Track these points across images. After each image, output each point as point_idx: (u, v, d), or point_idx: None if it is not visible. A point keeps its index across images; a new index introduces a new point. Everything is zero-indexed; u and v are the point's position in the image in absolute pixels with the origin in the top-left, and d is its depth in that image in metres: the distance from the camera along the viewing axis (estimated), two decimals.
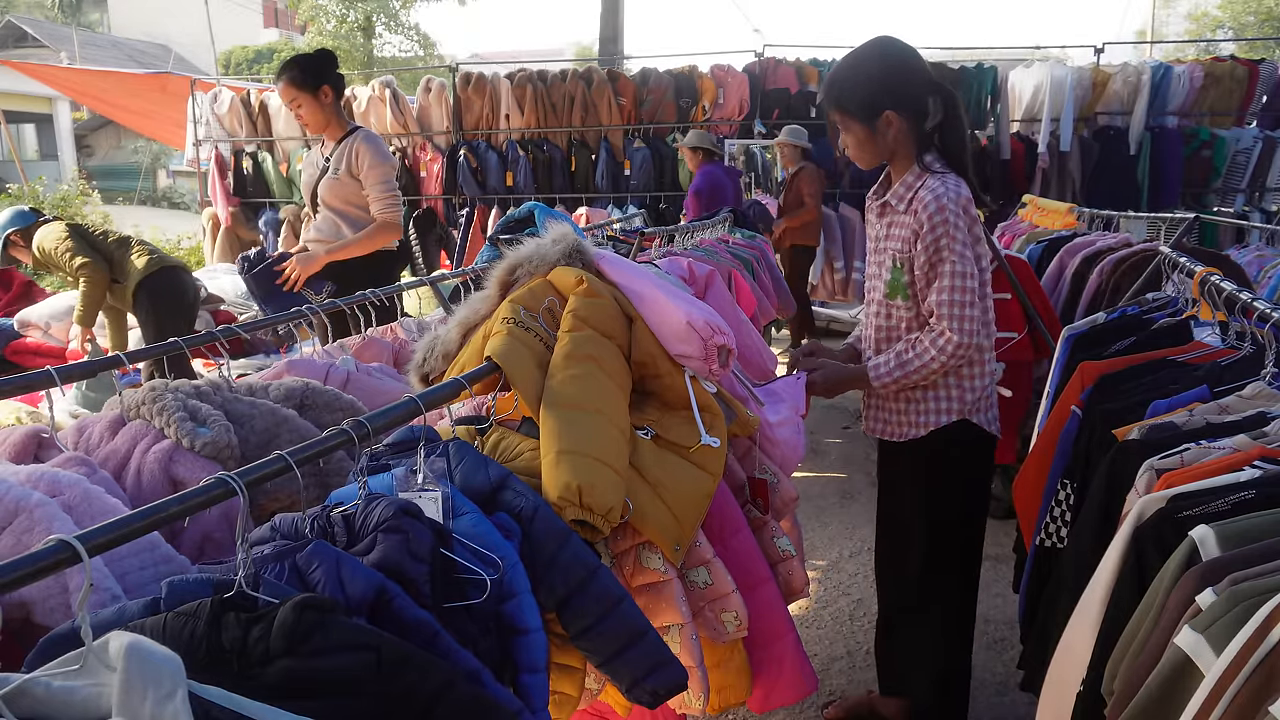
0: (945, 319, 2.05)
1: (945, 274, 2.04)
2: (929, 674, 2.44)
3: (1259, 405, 1.61)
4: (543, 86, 7.72)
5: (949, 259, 2.04)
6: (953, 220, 2.03)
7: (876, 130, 2.10)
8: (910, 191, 2.12)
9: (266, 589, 0.95)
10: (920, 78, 2.11)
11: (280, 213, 8.05)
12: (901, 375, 2.14)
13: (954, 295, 2.04)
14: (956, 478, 2.30)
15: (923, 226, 2.06)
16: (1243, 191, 7.67)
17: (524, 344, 1.48)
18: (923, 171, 2.12)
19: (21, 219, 4.66)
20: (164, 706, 0.67)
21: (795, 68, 7.82)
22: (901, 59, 2.12)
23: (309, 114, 3.56)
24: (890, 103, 2.07)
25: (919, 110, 2.09)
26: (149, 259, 4.51)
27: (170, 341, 1.83)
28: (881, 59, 2.11)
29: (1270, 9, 24.54)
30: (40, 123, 23.49)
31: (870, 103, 2.08)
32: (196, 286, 4.75)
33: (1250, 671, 0.95)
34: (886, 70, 2.09)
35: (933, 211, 2.04)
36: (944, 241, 2.04)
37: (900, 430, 2.28)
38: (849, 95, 2.11)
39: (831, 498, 4.54)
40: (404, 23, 23.03)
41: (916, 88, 2.10)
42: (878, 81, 2.08)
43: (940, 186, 2.06)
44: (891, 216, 2.19)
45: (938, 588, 2.38)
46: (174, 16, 25.38)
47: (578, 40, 32.28)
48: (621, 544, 1.46)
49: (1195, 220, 4.21)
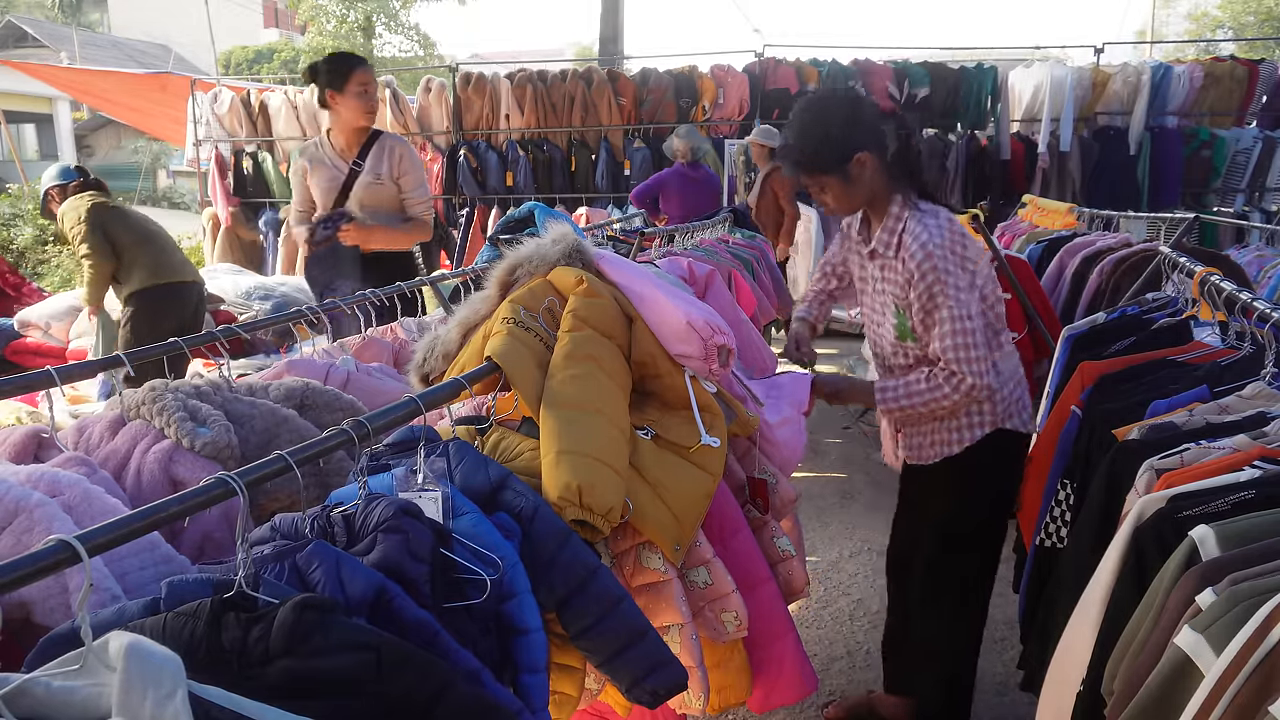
0: (955, 363, 2.03)
1: (944, 320, 2.03)
2: (938, 673, 2.44)
3: (1259, 405, 1.61)
4: (543, 86, 7.72)
5: (945, 304, 2.02)
6: (942, 266, 2.01)
7: (852, 177, 2.08)
8: (894, 235, 2.11)
9: (266, 589, 0.94)
10: (870, 113, 2.12)
11: (280, 213, 8.05)
12: (908, 404, 2.13)
13: (957, 339, 2.02)
14: (990, 484, 2.30)
15: (913, 276, 2.05)
16: (1242, 191, 7.67)
17: (524, 344, 1.48)
18: (902, 210, 2.11)
19: (63, 175, 4.55)
20: (164, 706, 0.67)
21: (795, 68, 7.82)
22: (848, 103, 2.13)
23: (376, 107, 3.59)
24: (857, 145, 2.06)
25: (881, 145, 2.09)
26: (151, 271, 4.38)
27: (170, 341, 1.83)
28: (832, 109, 2.10)
29: (1270, 9, 24.54)
30: (40, 123, 23.50)
31: (839, 152, 2.06)
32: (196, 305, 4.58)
33: (1250, 671, 0.95)
34: (841, 117, 2.09)
35: (920, 260, 2.03)
36: (936, 289, 2.02)
37: (936, 451, 2.27)
38: (816, 153, 2.10)
39: (831, 498, 4.53)
40: (404, 23, 23.04)
41: (872, 122, 2.10)
42: (838, 130, 2.07)
43: (924, 231, 2.04)
44: (882, 261, 2.18)
45: (959, 588, 2.38)
46: (174, 16, 25.38)
47: (578, 40, 32.27)
48: (621, 544, 1.46)
49: (1195, 220, 4.21)
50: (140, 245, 4.44)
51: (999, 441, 2.22)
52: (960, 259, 2.05)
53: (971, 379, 2.03)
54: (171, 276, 4.47)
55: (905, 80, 7.75)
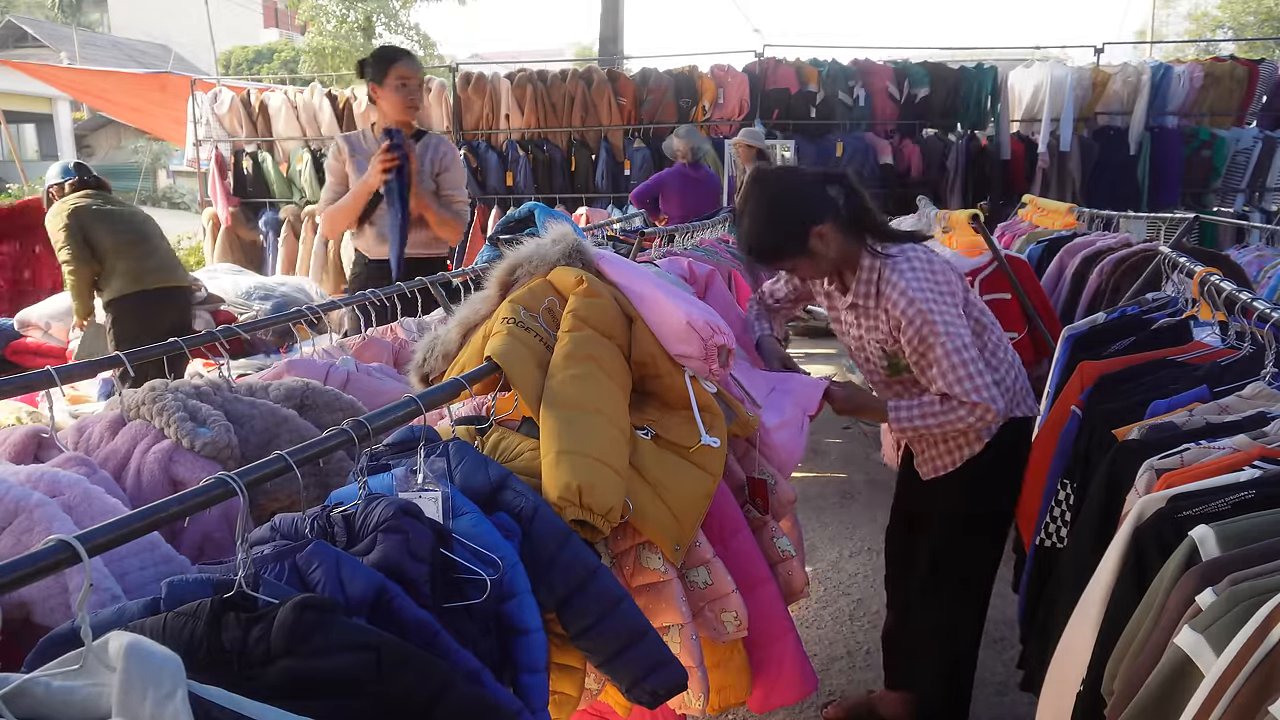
0: (963, 395, 2.04)
1: (939, 358, 2.03)
2: (938, 664, 2.44)
3: (1259, 405, 1.61)
4: (543, 86, 7.72)
5: (938, 343, 2.02)
6: (926, 308, 2.02)
7: (815, 252, 2.09)
8: (871, 286, 2.11)
9: (266, 589, 0.95)
10: (809, 183, 2.12)
11: (280, 213, 8.05)
12: (923, 425, 2.13)
13: (959, 372, 2.03)
14: (1003, 472, 2.31)
15: (899, 324, 2.06)
16: (1242, 191, 7.68)
17: (524, 344, 1.48)
18: (873, 262, 2.11)
19: (63, 174, 4.46)
20: (164, 706, 0.67)
21: (795, 68, 7.82)
22: (788, 181, 2.15)
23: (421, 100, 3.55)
24: (810, 220, 2.06)
25: (834, 209, 2.08)
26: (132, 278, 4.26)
27: (170, 341, 1.83)
28: (773, 196, 2.11)
29: (1270, 9, 24.54)
30: (40, 123, 23.51)
31: (795, 235, 2.07)
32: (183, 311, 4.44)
33: (1250, 671, 0.95)
34: (784, 200, 2.09)
35: (904, 307, 2.03)
36: (926, 330, 2.03)
37: (954, 459, 2.28)
38: (774, 244, 2.12)
39: (831, 498, 4.53)
40: (404, 23, 23.02)
41: (814, 192, 2.10)
42: (785, 215, 2.08)
43: (900, 279, 2.05)
44: (861, 312, 2.19)
45: (963, 577, 2.38)
46: (174, 16, 25.38)
47: (578, 40, 32.26)
48: (621, 544, 1.46)
49: (1195, 220, 4.21)
50: (123, 250, 4.31)
51: (1010, 430, 2.25)
52: (939, 292, 2.06)
53: (983, 406, 2.04)
54: (154, 282, 4.34)
55: (905, 80, 7.75)
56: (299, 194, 8.11)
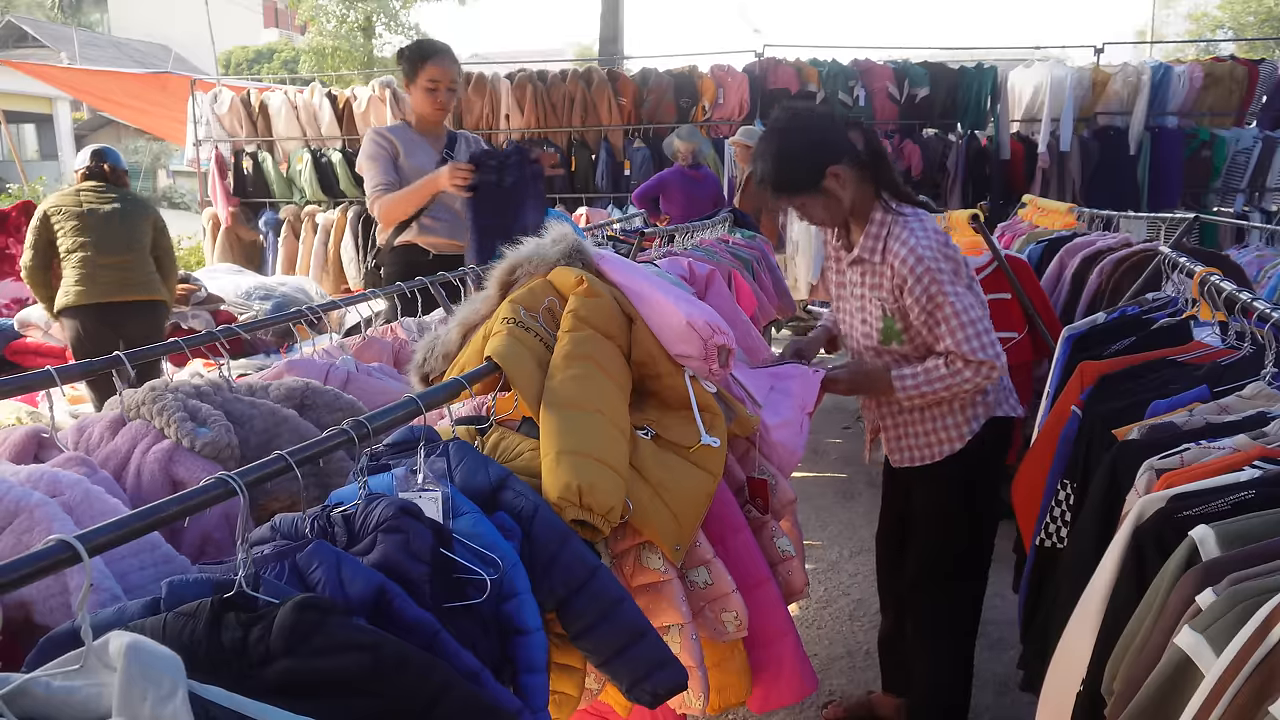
0: (970, 353, 2.05)
1: (948, 316, 2.05)
2: (929, 675, 2.44)
3: (1259, 405, 1.61)
4: (543, 86, 7.72)
5: (946, 302, 2.04)
6: (934, 266, 2.04)
7: (829, 192, 2.09)
8: (879, 241, 2.12)
9: (266, 589, 0.95)
10: (836, 125, 2.13)
11: (280, 213, 8.05)
12: (929, 390, 2.13)
13: (967, 330, 2.05)
14: (988, 470, 2.32)
15: (906, 281, 2.06)
16: (1243, 191, 7.67)
17: (524, 344, 1.48)
18: (884, 217, 2.11)
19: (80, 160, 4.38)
20: (164, 706, 0.67)
21: (795, 68, 7.82)
22: (813, 119, 2.14)
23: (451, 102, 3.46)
24: (828, 159, 2.07)
25: (852, 153, 2.09)
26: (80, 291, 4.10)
27: (170, 341, 1.83)
28: (797, 129, 2.11)
29: (1270, 9, 24.54)
30: (40, 123, 23.50)
31: (811, 171, 2.07)
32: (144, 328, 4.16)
33: (1250, 671, 0.95)
34: (807, 136, 2.10)
35: (913, 264, 2.04)
36: (934, 289, 2.04)
37: (933, 452, 2.28)
38: (791, 178, 2.12)
39: (831, 498, 4.53)
40: (404, 23, 23.01)
41: (839, 134, 2.11)
42: (806, 149, 2.08)
43: (910, 236, 2.06)
44: (865, 268, 2.18)
45: (944, 589, 2.37)
46: (174, 16, 25.36)
47: (578, 40, 32.26)
48: (621, 544, 1.46)
49: (1195, 220, 4.21)
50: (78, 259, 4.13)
51: (992, 429, 2.26)
52: (947, 256, 2.08)
53: (991, 361, 2.06)
54: (103, 296, 4.13)
55: (905, 80, 7.75)
56: (299, 194, 8.11)
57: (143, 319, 4.25)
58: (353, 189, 7.82)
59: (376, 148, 3.34)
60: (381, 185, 3.29)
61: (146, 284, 4.31)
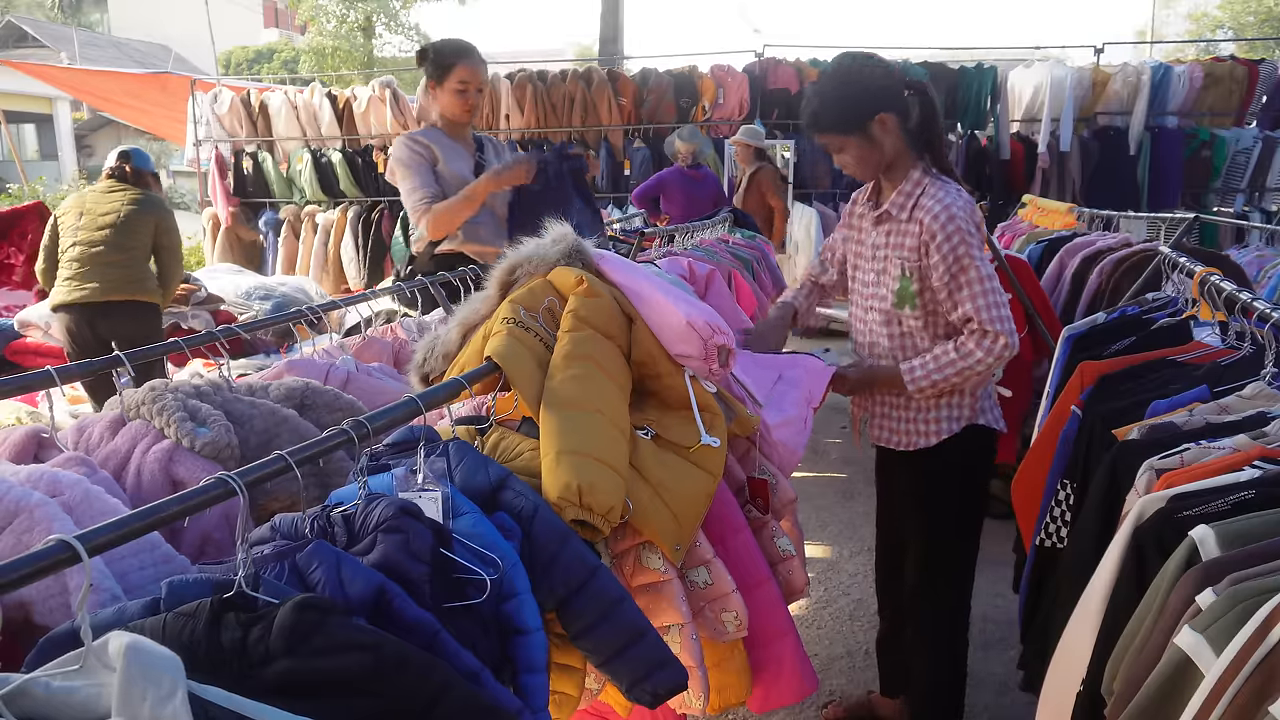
0: (989, 322, 2.04)
1: (973, 280, 2.04)
2: (927, 676, 2.43)
3: (1259, 405, 1.61)
4: (543, 86, 7.72)
5: (972, 266, 2.03)
6: (965, 228, 2.03)
7: (874, 138, 2.09)
8: (910, 199, 2.10)
9: (266, 589, 0.94)
10: (894, 77, 2.11)
11: (280, 213, 8.05)
12: (940, 379, 2.11)
13: (989, 299, 2.04)
14: (962, 481, 2.29)
15: (935, 238, 2.04)
16: (1243, 191, 7.67)
17: (524, 344, 1.48)
18: (921, 177, 2.11)
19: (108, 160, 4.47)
20: (164, 706, 0.67)
21: (795, 68, 7.82)
22: (871, 65, 2.12)
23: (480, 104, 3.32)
24: (878, 105, 2.07)
25: (903, 109, 2.09)
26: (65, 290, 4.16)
27: (170, 341, 1.83)
28: (854, 70, 2.11)
29: (1270, 9, 24.54)
30: (40, 123, 23.49)
31: (859, 113, 2.07)
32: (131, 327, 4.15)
33: (1250, 671, 0.95)
34: (863, 78, 2.09)
35: (945, 221, 2.03)
36: (962, 250, 2.03)
37: (909, 440, 2.26)
38: (836, 115, 2.10)
39: (831, 498, 4.53)
40: (404, 23, 23.03)
41: (895, 86, 2.10)
42: (859, 91, 2.08)
43: (946, 196, 2.06)
44: (891, 225, 2.16)
45: (936, 591, 2.37)
46: (174, 16, 25.34)
47: (578, 40, 32.25)
48: (621, 544, 1.46)
49: (1195, 220, 4.21)
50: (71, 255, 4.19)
51: (973, 437, 2.23)
52: (977, 225, 2.08)
53: (1005, 337, 2.04)
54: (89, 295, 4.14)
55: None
56: (299, 194, 8.11)
57: (129, 319, 4.24)
58: (353, 189, 7.82)
59: (412, 154, 3.15)
60: (427, 195, 3.10)
61: (136, 284, 4.29)
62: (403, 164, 3.14)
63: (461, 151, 3.23)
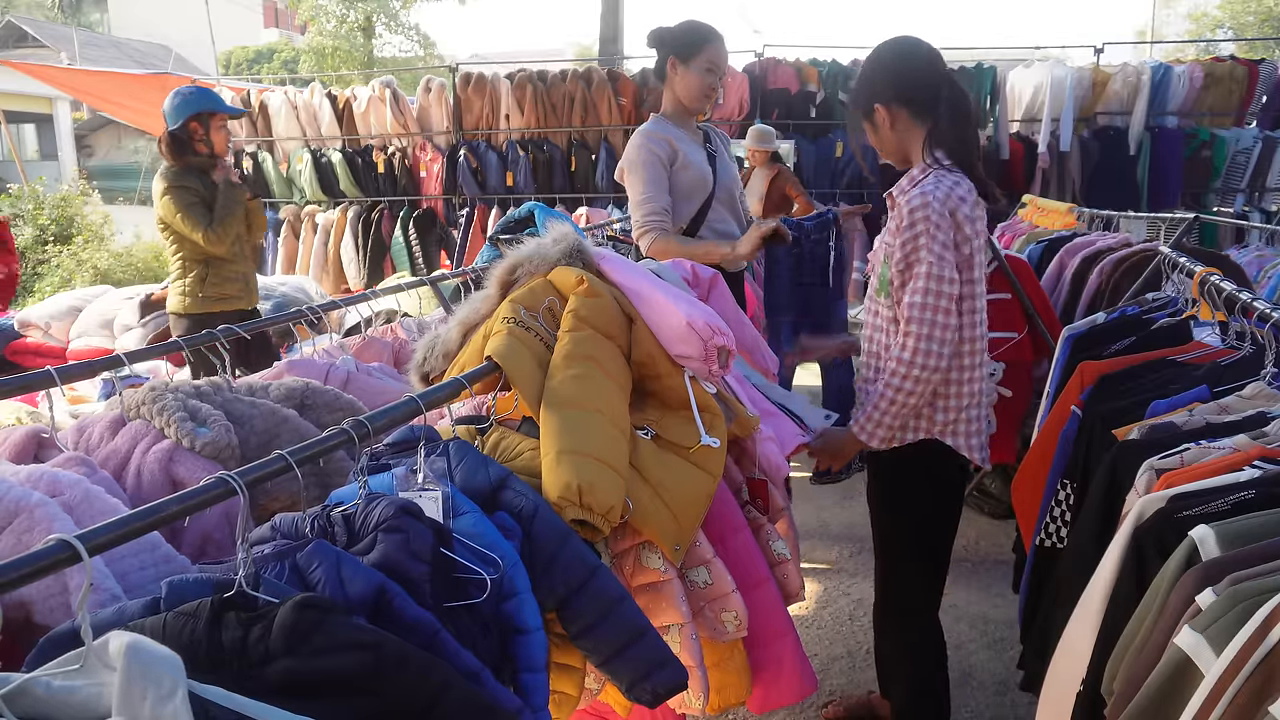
0: (915, 322, 1.92)
1: (920, 275, 1.93)
2: (905, 682, 2.39)
3: (1259, 405, 1.61)
4: (543, 86, 7.72)
5: (925, 260, 1.92)
6: (934, 219, 1.92)
7: (878, 125, 2.10)
8: (912, 185, 2.06)
9: (267, 589, 0.95)
10: (920, 74, 2.06)
11: (280, 213, 8.05)
12: (880, 415, 2.02)
13: (926, 299, 1.92)
14: (919, 493, 2.16)
15: (904, 220, 1.97)
16: (1243, 191, 7.67)
17: (524, 344, 1.48)
18: (928, 167, 2.06)
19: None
20: (164, 706, 0.67)
21: (795, 68, 7.82)
22: (898, 55, 2.10)
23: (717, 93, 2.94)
24: (881, 98, 2.07)
25: (913, 104, 2.05)
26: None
27: (170, 341, 1.83)
28: (883, 54, 2.12)
29: (1270, 9, 24.54)
30: (40, 123, 23.48)
31: (869, 96, 2.10)
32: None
33: (1250, 671, 0.95)
34: (880, 68, 2.10)
35: (915, 207, 1.95)
36: (922, 240, 1.93)
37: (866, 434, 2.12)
38: (855, 92, 2.19)
39: (831, 498, 4.53)
40: (404, 23, 23.04)
41: (910, 82, 2.06)
42: (875, 74, 2.10)
43: (934, 186, 1.97)
44: (893, 210, 2.12)
45: (901, 601, 2.30)
46: (174, 16, 25.33)
47: (578, 40, 32.26)
48: (621, 544, 1.46)
49: (1195, 220, 4.21)
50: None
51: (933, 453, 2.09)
52: (958, 222, 1.96)
53: (921, 343, 1.91)
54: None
55: None
56: (299, 194, 8.11)
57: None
58: (352, 189, 7.82)
59: (650, 154, 2.75)
60: (656, 211, 2.72)
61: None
62: (636, 165, 2.77)
63: (695, 144, 2.90)
